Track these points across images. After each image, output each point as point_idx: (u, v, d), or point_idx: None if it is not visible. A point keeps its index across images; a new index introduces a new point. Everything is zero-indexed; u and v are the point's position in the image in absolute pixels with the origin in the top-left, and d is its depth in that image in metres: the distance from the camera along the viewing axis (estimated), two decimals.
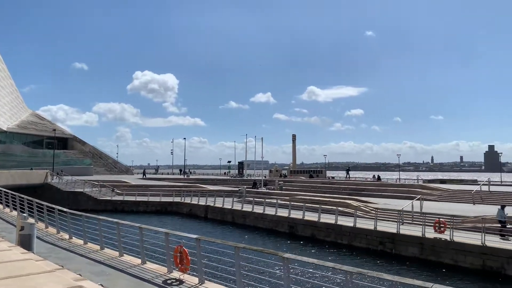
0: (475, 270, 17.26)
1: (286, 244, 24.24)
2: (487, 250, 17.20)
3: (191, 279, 8.98)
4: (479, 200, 31.77)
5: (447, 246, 18.62)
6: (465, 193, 34.62)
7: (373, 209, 28.08)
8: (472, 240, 17.98)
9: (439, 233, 19.65)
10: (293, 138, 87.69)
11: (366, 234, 22.40)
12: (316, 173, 68.44)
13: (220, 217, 34.05)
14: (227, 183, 56.74)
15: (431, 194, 35.98)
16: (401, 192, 37.94)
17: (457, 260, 18.13)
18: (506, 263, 16.53)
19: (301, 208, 27.44)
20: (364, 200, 33.49)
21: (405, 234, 20.53)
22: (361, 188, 42.63)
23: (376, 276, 6.71)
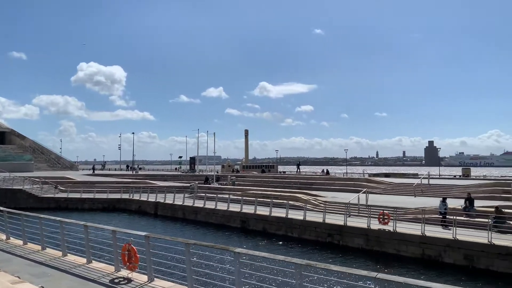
0: (415, 258, 18.32)
1: (238, 239, 24.35)
2: (426, 240, 18.33)
3: (140, 277, 8.75)
4: (420, 193, 33.74)
5: (390, 237, 19.60)
6: (407, 186, 36.60)
7: (322, 202, 28.93)
8: (413, 231, 19.08)
9: (383, 224, 20.63)
10: (246, 133, 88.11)
11: (315, 227, 23.04)
12: (268, 168, 69.26)
13: (170, 213, 33.49)
14: (178, 179, 55.88)
15: (376, 188, 37.67)
16: (348, 185, 39.39)
17: (399, 249, 19.16)
18: (443, 251, 17.71)
19: (253, 202, 27.65)
20: (314, 193, 34.39)
21: (351, 226, 21.35)
22: (311, 182, 43.73)
23: (324, 267, 6.91)
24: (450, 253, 17.47)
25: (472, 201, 22.86)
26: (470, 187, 32.71)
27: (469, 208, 22.27)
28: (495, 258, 16.18)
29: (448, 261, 17.42)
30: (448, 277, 15.86)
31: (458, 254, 17.21)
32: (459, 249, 17.23)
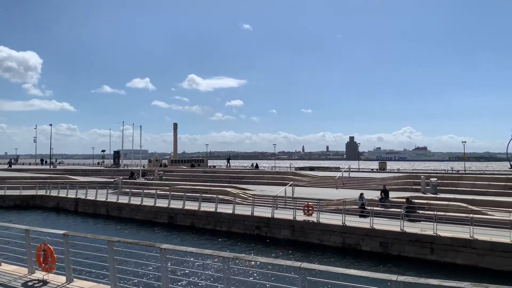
0: (337, 247, 19.41)
1: (165, 235, 23.83)
2: (346, 229, 19.49)
3: (57, 279, 8.17)
4: (341, 185, 35.71)
5: (314, 227, 20.52)
6: (330, 179, 38.51)
7: (250, 195, 29.36)
8: (335, 221, 20.16)
9: (307, 216, 21.53)
10: (174, 126, 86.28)
11: (243, 220, 23.33)
12: (197, 163, 68.55)
13: (92, 210, 31.73)
14: (101, 174, 53.12)
15: (302, 181, 39.14)
16: (276, 179, 40.44)
17: (322, 239, 20.14)
18: (361, 240, 18.97)
19: (181, 198, 27.21)
20: (243, 187, 34.78)
21: (278, 218, 21.98)
22: (240, 176, 44.14)
23: (252, 259, 7.03)
24: (367, 241, 18.77)
25: (387, 193, 24.76)
26: (385, 180, 35.33)
27: (384, 199, 24.09)
28: (406, 244, 17.71)
29: (366, 249, 18.71)
30: (365, 263, 17.04)
31: (375, 242, 18.56)
32: (375, 237, 18.58)
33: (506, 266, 15.28)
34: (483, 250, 15.88)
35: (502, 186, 28.88)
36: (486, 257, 15.79)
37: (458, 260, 16.29)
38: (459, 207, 21.73)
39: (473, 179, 32.25)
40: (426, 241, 17.23)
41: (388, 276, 5.39)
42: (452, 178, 34.57)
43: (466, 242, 16.30)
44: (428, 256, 17.05)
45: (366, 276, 5.93)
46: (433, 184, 28.45)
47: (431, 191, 28.07)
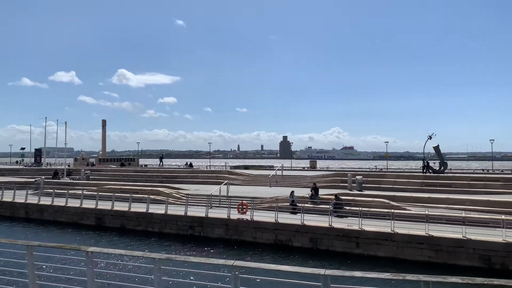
0: (269, 244, 19.83)
1: (93, 237, 22.63)
2: (279, 226, 19.98)
3: None
4: (275, 183, 36.51)
5: (248, 225, 20.76)
6: (264, 178, 39.19)
7: (184, 195, 28.91)
8: (268, 218, 20.58)
9: (241, 214, 21.72)
10: (103, 123, 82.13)
11: (176, 220, 22.92)
12: (128, 161, 65.97)
13: (9, 212, 29.18)
14: (20, 174, 49.05)
15: (236, 179, 39.37)
16: (211, 178, 40.24)
17: (256, 237, 20.45)
18: (292, 236, 19.57)
19: (110, 198, 26.01)
20: (177, 187, 34.14)
21: (212, 217, 21.91)
22: (174, 175, 43.25)
23: (184, 260, 6.93)
24: (298, 237, 19.42)
25: (317, 190, 25.78)
26: (315, 178, 36.77)
27: (314, 196, 25.06)
28: (333, 239, 18.61)
29: (297, 245, 19.34)
30: (296, 259, 17.62)
31: (305, 237, 19.25)
32: (306, 233, 19.27)
33: (421, 257, 16.69)
34: (402, 242, 17.18)
35: (419, 183, 31.45)
36: (404, 249, 17.10)
37: (380, 253, 17.47)
38: (382, 203, 23.27)
39: (394, 176, 34.75)
40: (352, 235, 18.24)
41: (316, 271, 5.62)
42: (375, 176, 36.92)
43: (387, 236, 17.52)
44: (354, 249, 18.06)
45: (296, 272, 6.13)
46: (358, 181, 30.18)
47: (357, 188, 29.75)
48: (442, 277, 5.27)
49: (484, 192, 27.63)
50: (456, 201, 23.61)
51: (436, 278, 5.20)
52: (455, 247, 16.26)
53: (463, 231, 16.48)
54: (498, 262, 15.53)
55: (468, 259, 15.94)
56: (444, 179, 32.13)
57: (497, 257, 15.57)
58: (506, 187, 28.49)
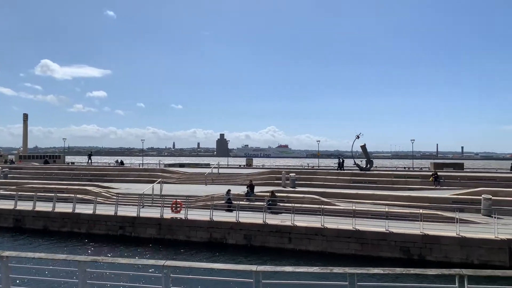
0: (204, 242, 19.66)
1: (11, 241, 20.85)
2: (213, 224, 19.90)
3: None
4: (211, 181, 36.30)
5: (182, 224, 20.42)
6: (199, 176, 38.78)
7: (114, 194, 27.69)
8: (202, 217, 20.40)
9: (175, 213, 21.30)
10: (24, 117, 75.92)
11: (106, 221, 21.88)
12: (53, 159, 61.79)
13: None
14: None
15: (171, 178, 38.52)
16: (143, 176, 38.94)
17: (190, 236, 20.17)
18: (227, 234, 19.59)
19: (31, 198, 24.12)
20: (106, 186, 32.59)
21: (144, 217, 21.23)
22: (103, 173, 41.21)
23: (112, 261, 6.62)
24: (233, 235, 19.49)
25: (253, 187, 26.10)
26: (252, 175, 37.15)
27: (250, 193, 25.33)
28: (267, 235, 18.95)
29: (231, 242, 19.40)
30: (230, 256, 17.67)
31: (240, 234, 19.37)
32: (240, 230, 19.40)
33: (348, 250, 17.59)
34: (331, 236, 17.97)
35: (348, 180, 33.10)
36: (333, 243, 17.90)
37: (311, 247, 18.12)
38: (313, 199, 24.14)
39: (325, 174, 36.22)
40: (285, 231, 18.71)
41: (248, 267, 5.68)
42: (308, 173, 38.20)
43: (318, 231, 18.23)
44: (287, 245, 18.54)
45: (229, 269, 6.15)
46: (292, 179, 31.04)
47: (290, 185, 30.58)
48: (366, 269, 5.60)
49: (405, 188, 29.78)
50: (381, 197, 25.20)
51: (361, 270, 5.51)
52: (379, 240, 17.35)
53: (386, 225, 17.64)
54: (416, 253, 16.83)
55: (390, 251, 17.10)
56: (370, 176, 34.14)
57: (415, 248, 16.88)
58: (424, 183, 30.98)
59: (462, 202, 23.18)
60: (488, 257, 15.95)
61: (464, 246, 16.34)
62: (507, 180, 30.45)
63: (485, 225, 18.48)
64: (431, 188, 29.43)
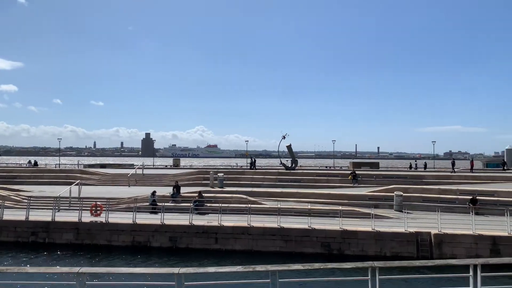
0: (126, 246, 18.81)
1: None
2: (136, 227, 19.14)
3: None
4: (134, 183, 34.91)
5: (102, 228, 19.35)
6: (122, 177, 37.12)
7: (25, 197, 25.40)
8: (125, 220, 19.52)
9: (95, 216, 20.15)
10: None
11: (15, 226, 19.97)
12: None
13: None
14: None
15: (91, 179, 36.39)
16: (60, 178, 36.27)
17: (111, 240, 19.18)
18: (151, 236, 18.97)
19: None
20: (16, 188, 29.82)
21: (60, 221, 19.76)
22: (13, 175, 37.67)
23: (18, 271, 6.07)
24: (157, 237, 18.92)
25: (179, 188, 25.60)
26: (178, 176, 36.44)
27: (176, 194, 24.82)
28: (193, 236, 18.69)
29: (156, 245, 18.82)
30: (154, 259, 17.14)
31: (164, 237, 18.86)
32: (165, 232, 18.89)
33: (273, 247, 18.02)
34: (257, 235, 18.27)
35: (274, 179, 33.93)
36: (259, 241, 18.21)
37: (237, 246, 18.24)
38: (240, 198, 24.36)
39: (252, 173, 36.76)
40: (211, 231, 18.61)
41: (170, 270, 5.54)
42: (236, 173, 38.49)
43: (244, 230, 18.41)
44: (213, 245, 18.46)
45: (150, 273, 5.96)
46: (220, 179, 31.00)
47: (218, 185, 30.53)
48: (287, 266, 5.75)
49: (326, 186, 31.32)
50: (304, 195, 26.21)
51: (282, 267, 5.65)
52: (302, 236, 18.01)
53: (308, 222, 18.37)
54: (336, 247, 17.76)
55: (312, 247, 17.83)
56: (295, 175, 35.37)
57: (335, 243, 17.80)
58: (344, 181, 32.84)
59: (377, 198, 25.00)
60: (399, 249, 17.34)
61: (378, 239, 17.59)
62: (416, 178, 33.44)
63: (396, 219, 20.08)
64: (350, 186, 31.27)
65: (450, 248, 16.92)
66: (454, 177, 34.04)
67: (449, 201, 23.88)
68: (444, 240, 17.08)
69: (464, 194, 24.91)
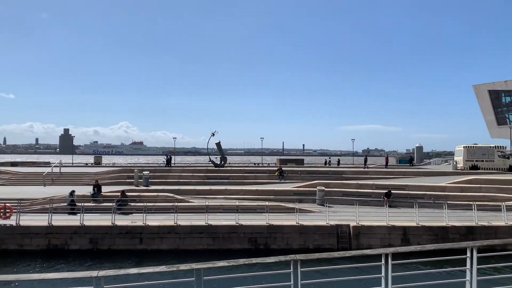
0: (41, 250, 17.40)
1: None
2: (52, 230, 17.79)
3: None
4: (51, 182, 32.45)
5: (12, 232, 17.69)
6: (37, 176, 34.33)
7: None
8: (39, 222, 18.04)
9: (4, 219, 18.36)
10: None
11: None
12: None
13: None
14: None
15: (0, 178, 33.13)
16: None
17: (23, 244, 17.62)
18: (69, 239, 17.76)
19: None
20: None
21: None
22: None
23: None
24: (76, 240, 17.77)
25: (100, 187, 24.31)
26: (100, 174, 34.61)
27: (96, 194, 23.53)
28: (116, 237, 17.85)
29: (75, 247, 17.66)
30: (72, 263, 16.08)
31: (85, 239, 17.78)
32: (85, 234, 17.81)
33: (201, 245, 17.88)
34: (184, 233, 17.99)
35: (203, 176, 33.68)
36: (186, 239, 17.95)
37: (163, 246, 17.80)
38: (166, 197, 23.80)
39: (180, 171, 36.15)
40: (136, 232, 17.94)
41: (88, 273, 5.23)
42: (163, 170, 37.57)
43: (170, 229, 18.01)
44: (137, 246, 17.80)
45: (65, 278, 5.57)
46: (145, 177, 30.01)
47: (143, 183, 29.55)
48: (212, 263, 5.72)
49: (254, 182, 31.84)
50: (232, 192, 26.39)
51: (207, 265, 5.61)
52: (230, 233, 18.11)
53: (236, 218, 18.52)
54: (262, 242, 18.12)
55: (239, 243, 18.01)
56: (224, 172, 35.44)
57: (262, 238, 18.17)
58: (271, 177, 33.65)
59: (302, 193, 26.00)
60: (321, 241, 18.20)
61: (302, 233, 18.29)
62: (337, 173, 35.33)
63: (319, 213, 21.04)
64: (276, 182, 32.14)
65: (366, 239, 18.15)
66: (371, 172, 36.55)
67: (366, 195, 25.61)
68: (361, 231, 18.28)
69: (379, 188, 26.89)
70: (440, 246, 6.19)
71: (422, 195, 24.81)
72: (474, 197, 22.70)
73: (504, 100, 62.63)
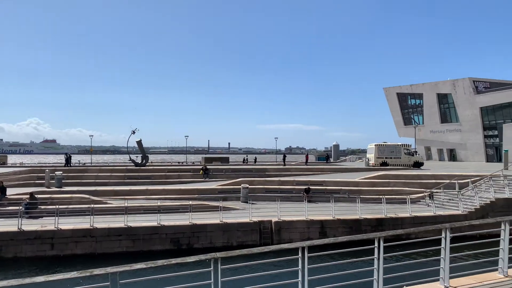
0: None
1: None
2: None
3: None
4: None
5: None
6: None
7: None
8: None
9: None
10: None
11: None
12: None
13: None
14: None
15: None
16: None
17: None
18: None
19: None
20: None
21: None
22: None
23: None
24: None
25: (5, 190, 22.10)
26: (4, 175, 31.38)
27: (1, 196, 21.34)
28: (23, 244, 16.36)
29: None
30: None
31: None
32: None
33: (120, 248, 17.11)
34: (102, 236, 17.06)
35: (122, 176, 32.19)
36: (103, 243, 17.04)
37: (78, 250, 16.72)
38: (82, 198, 22.40)
39: (97, 171, 34.18)
40: (46, 237, 16.61)
41: None
42: (78, 170, 35.21)
43: (86, 232, 16.97)
44: (48, 252, 16.50)
45: None
46: (58, 177, 27.89)
47: (56, 184, 27.44)
48: (128, 266, 5.48)
49: (178, 182, 31.23)
50: (154, 192, 25.62)
51: (123, 268, 5.36)
52: (151, 234, 17.57)
53: (158, 219, 18.01)
54: (185, 242, 17.87)
55: (161, 244, 17.56)
56: (145, 172, 34.24)
57: (185, 238, 17.91)
58: (195, 176, 33.26)
59: (226, 191, 26.09)
60: (245, 238, 18.46)
61: (226, 231, 18.39)
62: (260, 171, 36.07)
63: (242, 210, 21.32)
64: (201, 181, 31.87)
65: (287, 234, 18.80)
66: (292, 169, 37.93)
67: (287, 191, 26.52)
68: (283, 226, 18.89)
69: (299, 185, 27.99)
70: (352, 238, 6.61)
71: (338, 190, 26.32)
72: (383, 191, 24.63)
73: (410, 102, 68.90)
